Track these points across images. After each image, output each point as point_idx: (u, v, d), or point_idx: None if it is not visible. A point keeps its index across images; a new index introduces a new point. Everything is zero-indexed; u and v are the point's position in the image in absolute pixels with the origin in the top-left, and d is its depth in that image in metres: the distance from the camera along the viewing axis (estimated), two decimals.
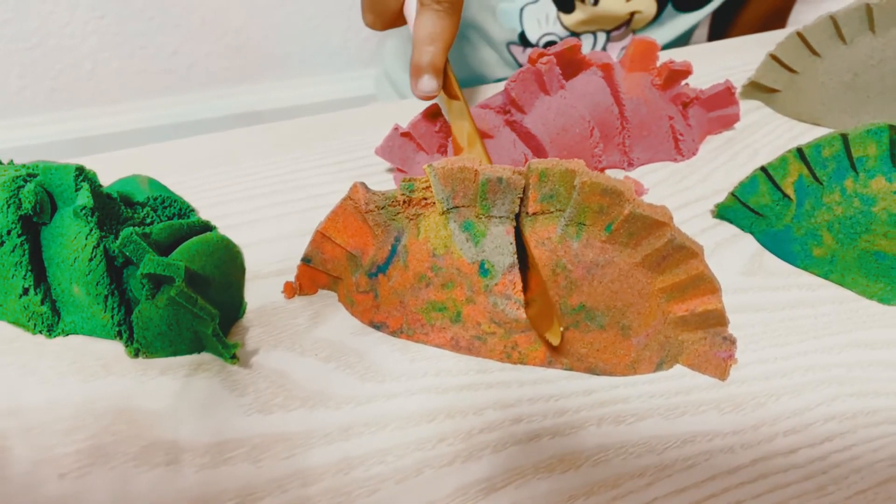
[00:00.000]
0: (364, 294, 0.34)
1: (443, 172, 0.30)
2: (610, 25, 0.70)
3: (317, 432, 0.30)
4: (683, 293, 0.32)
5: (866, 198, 0.36)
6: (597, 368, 0.32)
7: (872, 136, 0.35)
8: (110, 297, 0.32)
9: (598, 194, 0.29)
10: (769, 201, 0.39)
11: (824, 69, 0.50)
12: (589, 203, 0.30)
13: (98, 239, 0.32)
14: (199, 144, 0.49)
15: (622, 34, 0.72)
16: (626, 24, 0.71)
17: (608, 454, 0.29)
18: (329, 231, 0.34)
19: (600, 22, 0.70)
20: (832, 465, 0.29)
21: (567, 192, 0.30)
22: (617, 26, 0.71)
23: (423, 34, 0.37)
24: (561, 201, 0.30)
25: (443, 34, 0.37)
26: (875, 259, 0.36)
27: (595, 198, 0.29)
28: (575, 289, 0.31)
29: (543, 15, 0.71)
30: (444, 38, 0.38)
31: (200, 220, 0.37)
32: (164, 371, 0.32)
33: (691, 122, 0.47)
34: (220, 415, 0.30)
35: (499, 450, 0.29)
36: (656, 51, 0.45)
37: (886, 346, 0.34)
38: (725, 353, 0.32)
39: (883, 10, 0.46)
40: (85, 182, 0.33)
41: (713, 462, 0.29)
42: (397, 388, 0.32)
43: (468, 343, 0.32)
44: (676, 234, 0.30)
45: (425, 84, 0.39)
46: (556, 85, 0.42)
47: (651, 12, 0.70)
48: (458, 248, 0.31)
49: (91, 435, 0.30)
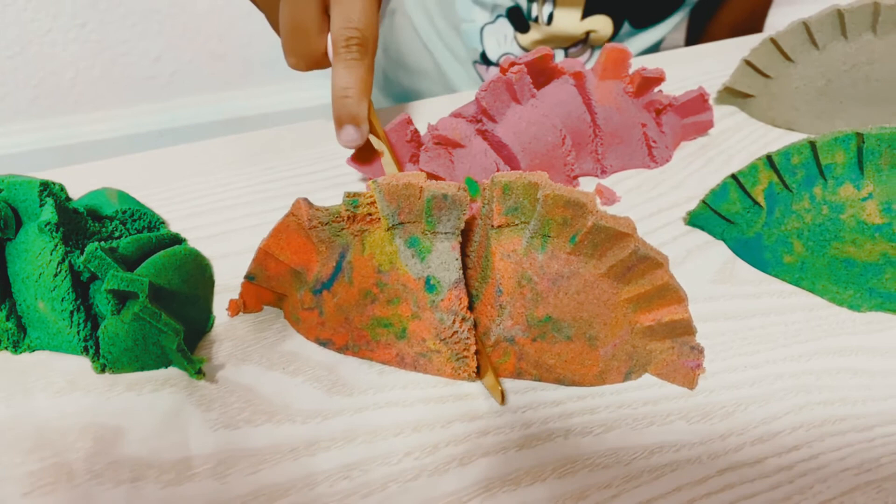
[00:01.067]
0: (309, 311, 0.34)
1: (388, 189, 0.30)
2: (566, 44, 0.71)
3: (283, 447, 0.30)
4: (650, 303, 0.32)
5: (835, 205, 0.36)
6: (565, 379, 0.32)
7: (840, 143, 0.36)
8: (76, 312, 0.32)
9: (562, 206, 0.29)
10: (740, 209, 0.39)
11: (798, 74, 0.50)
12: (552, 215, 0.30)
13: (63, 254, 0.32)
14: (172, 155, 0.49)
15: (580, 51, 0.72)
16: (582, 41, 0.71)
17: (575, 466, 0.29)
18: (272, 248, 0.34)
19: (556, 41, 0.70)
20: (798, 474, 0.29)
21: (531, 205, 0.30)
22: (573, 44, 0.71)
23: (339, 85, 0.37)
24: (525, 214, 0.30)
25: (358, 83, 0.37)
26: (844, 266, 0.36)
27: (558, 210, 0.29)
28: (541, 301, 0.31)
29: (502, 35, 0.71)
30: (360, 87, 0.37)
31: (170, 233, 0.37)
32: (130, 386, 0.32)
33: (665, 128, 0.47)
34: (186, 430, 0.30)
35: (465, 463, 0.29)
36: (628, 58, 0.45)
37: (855, 353, 0.34)
38: (693, 363, 0.32)
39: (854, 16, 0.46)
40: (50, 197, 0.33)
41: (680, 473, 0.29)
42: (365, 401, 0.32)
43: (413, 360, 0.32)
44: (640, 244, 0.30)
45: (348, 134, 0.38)
46: (528, 94, 0.42)
47: (607, 31, 0.70)
48: (404, 264, 0.31)
49: (55, 452, 0.29)
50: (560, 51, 0.71)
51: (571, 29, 0.68)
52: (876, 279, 0.36)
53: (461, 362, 0.32)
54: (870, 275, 0.36)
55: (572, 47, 0.71)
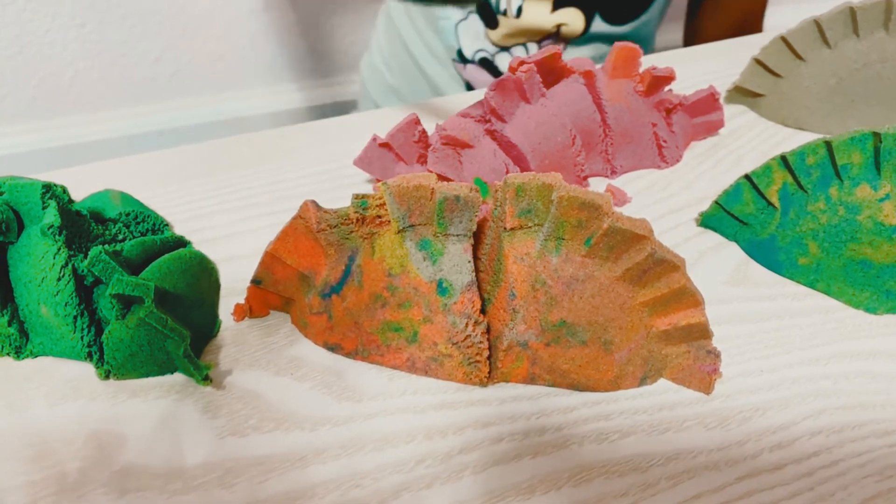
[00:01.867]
0: (317, 315, 0.33)
1: (398, 191, 0.30)
2: (537, 38, 0.70)
3: (292, 455, 0.29)
4: (666, 307, 0.31)
5: (851, 206, 0.35)
6: (579, 385, 0.31)
7: (856, 143, 0.35)
8: (79, 317, 0.31)
9: (577, 208, 0.28)
10: (753, 210, 0.39)
11: (809, 73, 0.49)
12: (567, 217, 0.29)
13: (66, 258, 0.31)
14: (175, 156, 0.48)
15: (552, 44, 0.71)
16: (553, 35, 0.70)
17: (590, 473, 0.28)
18: (279, 252, 0.33)
19: (526, 34, 0.69)
20: (819, 481, 0.28)
21: (545, 207, 0.29)
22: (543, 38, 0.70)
23: None
24: (539, 216, 0.30)
25: None
26: (861, 268, 0.36)
27: (573, 212, 0.29)
28: (555, 304, 0.30)
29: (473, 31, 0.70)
30: None
31: (174, 236, 0.36)
32: (135, 393, 0.32)
33: (675, 128, 0.47)
34: (193, 438, 0.30)
35: (478, 471, 0.28)
36: (638, 57, 0.44)
37: (872, 356, 0.34)
38: (710, 367, 0.32)
39: (866, 14, 0.46)
40: (52, 200, 0.32)
41: (698, 480, 0.28)
42: (375, 407, 0.31)
43: (424, 364, 0.32)
44: (657, 247, 0.29)
45: None
46: (537, 93, 0.42)
47: (578, 25, 0.69)
48: (415, 267, 0.31)
49: (59, 461, 0.29)
50: (533, 44, 0.71)
51: (541, 22, 0.67)
52: (893, 281, 0.35)
53: (473, 367, 0.31)
54: (886, 276, 0.35)
55: (544, 40, 0.70)
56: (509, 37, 0.69)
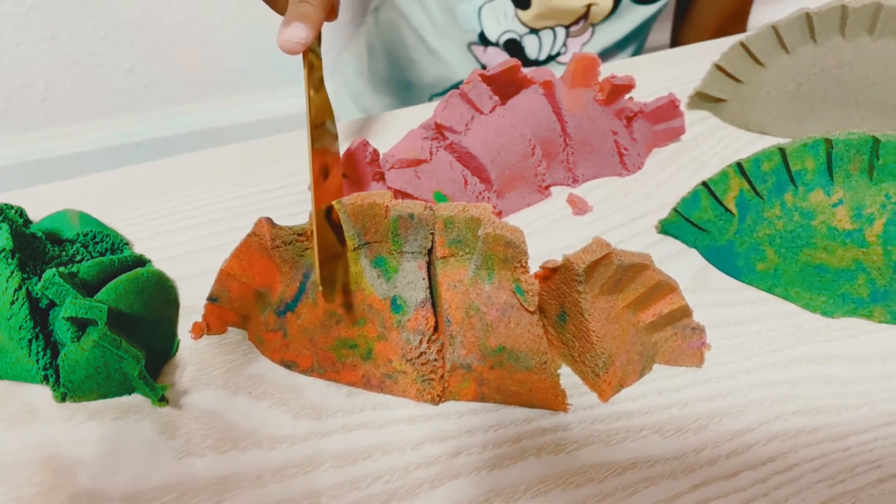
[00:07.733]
0: (273, 332, 0.33)
1: (353, 209, 0.30)
2: (567, 20, 0.70)
3: (249, 475, 0.29)
4: (646, 302, 0.32)
5: (806, 212, 0.36)
6: (532, 405, 0.32)
7: (809, 149, 0.35)
8: (34, 340, 0.31)
9: (503, 246, 0.29)
10: (712, 216, 0.39)
11: (769, 78, 0.50)
12: (494, 252, 0.29)
13: (20, 281, 0.31)
14: (137, 173, 0.48)
15: (581, 29, 0.72)
16: (583, 17, 0.71)
17: (548, 485, 0.29)
18: (234, 269, 0.33)
19: (557, 16, 0.70)
20: (773, 486, 0.29)
21: (474, 238, 0.30)
22: (575, 20, 0.71)
23: None
24: (469, 246, 0.30)
25: None
26: (816, 272, 0.36)
27: (500, 248, 0.29)
28: (492, 330, 0.30)
29: (502, 13, 0.71)
30: None
31: (133, 255, 0.36)
32: (92, 415, 0.31)
33: (636, 136, 0.47)
34: (150, 459, 0.29)
35: (436, 486, 0.28)
36: (597, 66, 0.45)
37: (828, 360, 0.34)
38: (698, 342, 0.33)
39: (822, 20, 0.46)
40: (5, 223, 0.32)
41: (654, 489, 0.28)
42: (333, 424, 0.31)
43: (379, 381, 0.32)
44: (622, 256, 0.30)
45: (294, 30, 0.34)
46: (488, 101, 0.42)
47: (607, 5, 0.70)
48: (370, 284, 0.31)
49: (14, 487, 0.28)
50: (561, 28, 0.71)
51: (573, 2, 0.68)
52: (848, 285, 0.36)
53: (427, 384, 0.31)
54: (842, 280, 0.36)
55: (573, 25, 0.71)
56: (540, 17, 0.70)
